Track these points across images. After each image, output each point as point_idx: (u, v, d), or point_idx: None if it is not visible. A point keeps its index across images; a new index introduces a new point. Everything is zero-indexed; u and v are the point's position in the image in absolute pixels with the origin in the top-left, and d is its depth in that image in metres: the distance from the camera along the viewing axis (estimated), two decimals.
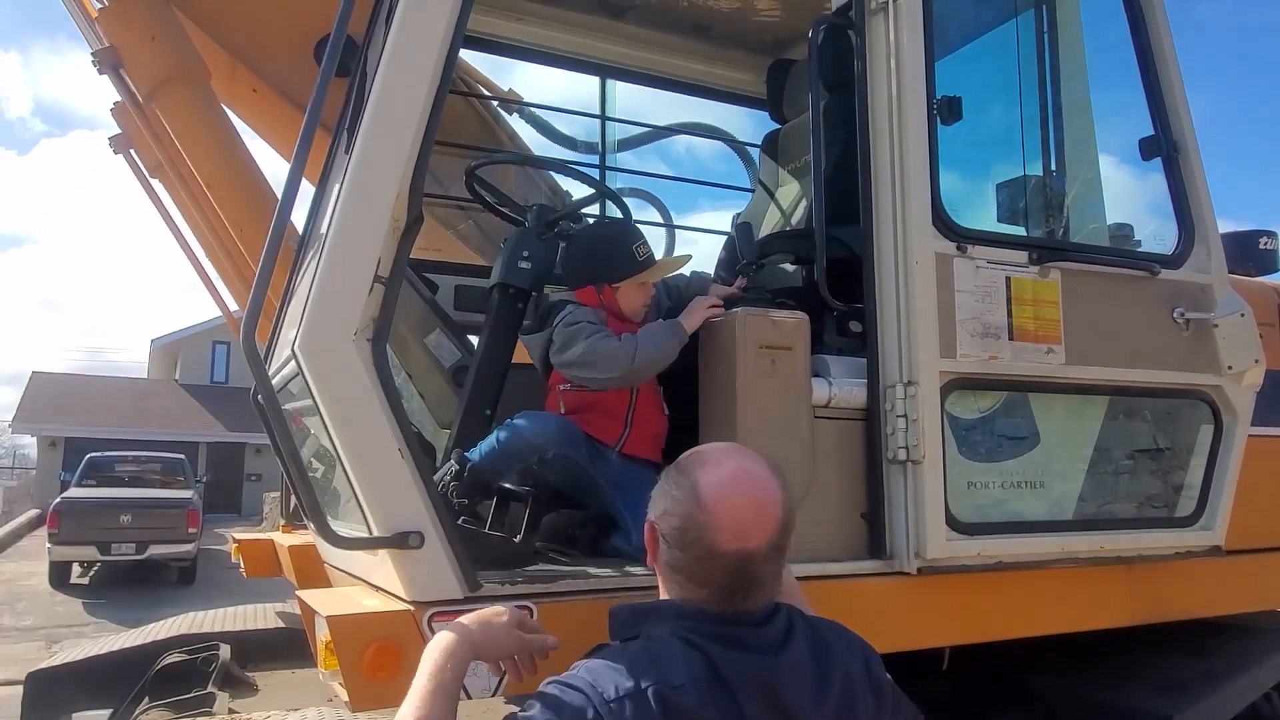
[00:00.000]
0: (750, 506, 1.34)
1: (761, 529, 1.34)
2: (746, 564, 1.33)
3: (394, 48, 1.95)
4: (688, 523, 1.35)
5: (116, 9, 2.86)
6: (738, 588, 1.35)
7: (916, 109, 2.42)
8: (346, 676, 1.73)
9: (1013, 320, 2.45)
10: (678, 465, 1.44)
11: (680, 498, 1.37)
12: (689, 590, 1.37)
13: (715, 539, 1.32)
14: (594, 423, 2.38)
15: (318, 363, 1.76)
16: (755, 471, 1.39)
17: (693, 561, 1.35)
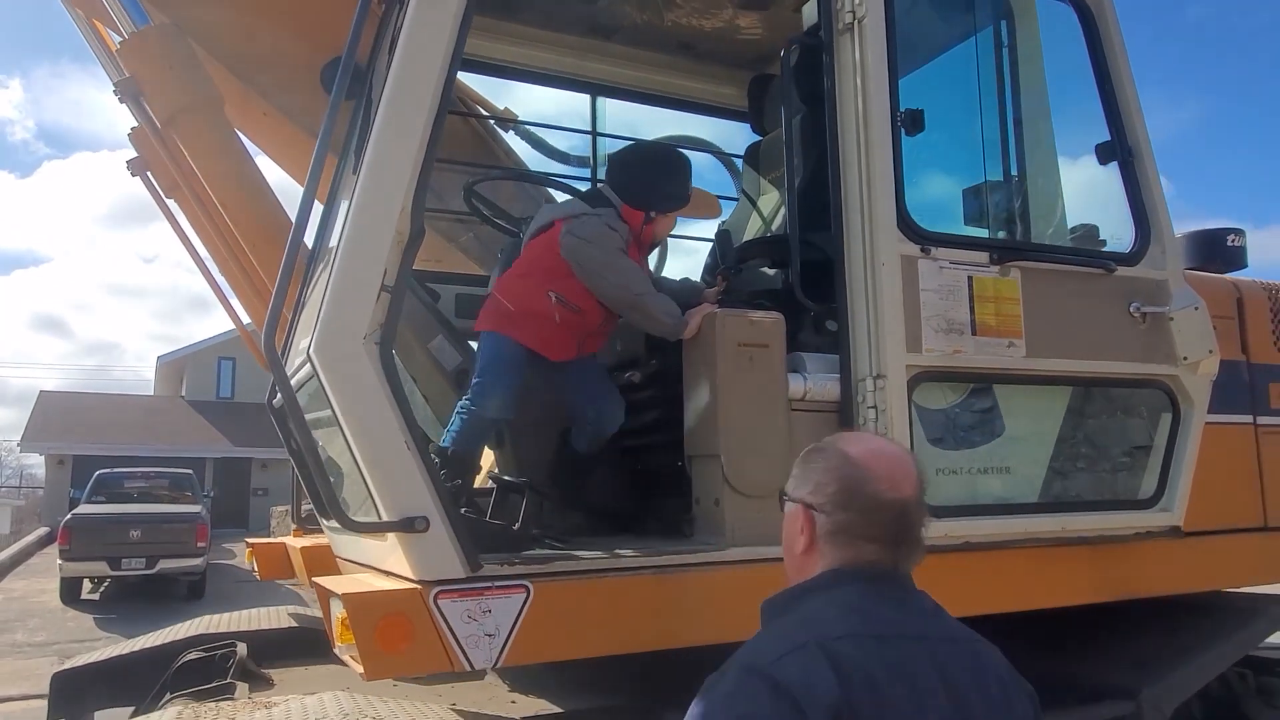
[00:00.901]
0: (896, 460, 1.43)
1: (909, 480, 1.41)
2: (905, 511, 1.40)
3: (397, 76, 2.14)
4: (848, 482, 1.40)
5: (136, 42, 3.05)
6: (901, 538, 1.41)
7: (881, 121, 2.61)
8: (361, 648, 1.90)
9: (975, 316, 2.63)
10: (814, 449, 1.50)
11: (832, 466, 1.43)
12: (855, 549, 1.41)
13: (877, 488, 1.39)
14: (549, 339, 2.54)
15: (332, 364, 1.95)
16: (884, 440, 1.53)
17: (858, 515, 1.40)
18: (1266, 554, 3.30)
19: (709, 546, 2.36)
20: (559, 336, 2.59)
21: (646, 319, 2.55)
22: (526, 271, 2.61)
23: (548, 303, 2.54)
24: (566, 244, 2.52)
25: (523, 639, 2.03)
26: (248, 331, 3.84)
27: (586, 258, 2.50)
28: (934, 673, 1.31)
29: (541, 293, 2.55)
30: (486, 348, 2.55)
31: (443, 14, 2.18)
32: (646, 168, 2.77)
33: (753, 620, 2.28)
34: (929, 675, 1.30)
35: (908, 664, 1.29)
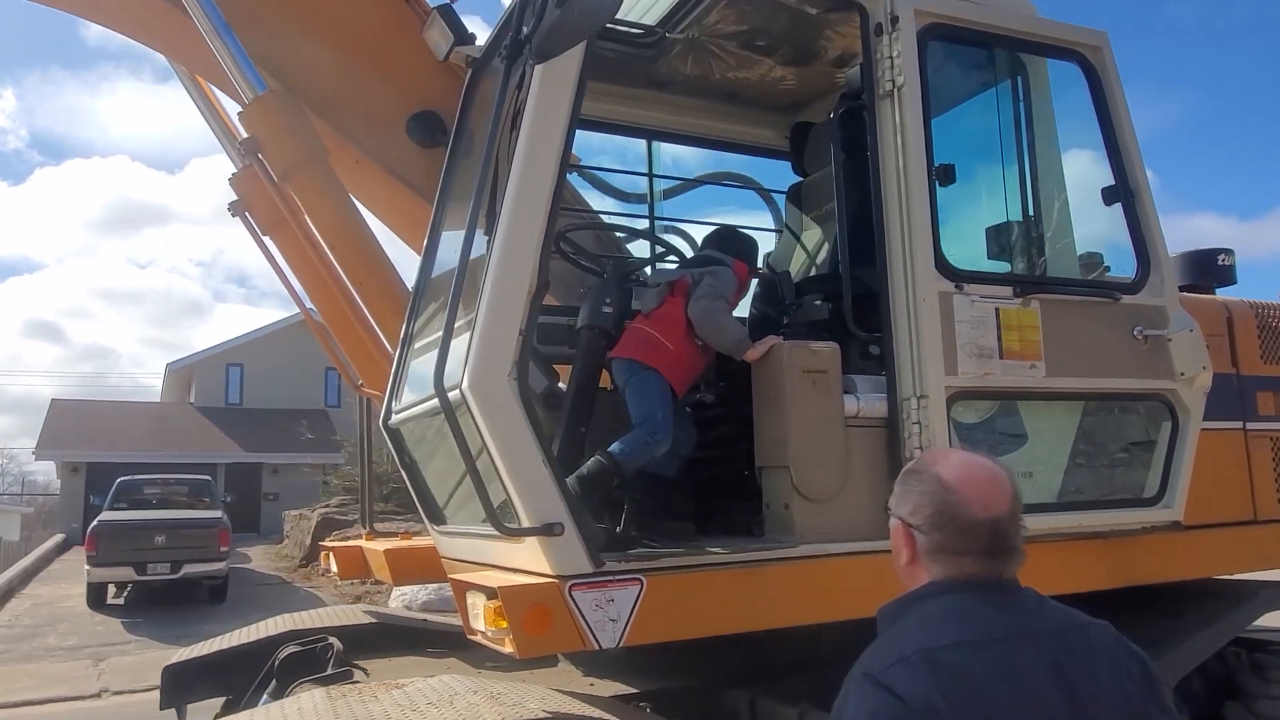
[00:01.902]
0: (987, 480, 1.52)
1: (1001, 498, 1.51)
2: (998, 527, 1.49)
3: (526, 147, 2.53)
4: (942, 506, 1.50)
5: (257, 107, 3.45)
6: (997, 550, 1.49)
7: (919, 176, 3.03)
8: (513, 631, 2.31)
9: (1002, 343, 3.04)
10: (910, 470, 1.61)
11: (927, 490, 1.53)
12: (954, 565, 1.50)
13: (969, 510, 1.48)
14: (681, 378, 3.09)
15: (484, 400, 2.36)
16: (978, 458, 1.59)
17: (953, 536, 1.49)
18: (1257, 544, 3.72)
19: (783, 544, 2.78)
20: (687, 376, 3.10)
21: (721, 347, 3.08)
22: (676, 319, 3.08)
23: (694, 346, 3.07)
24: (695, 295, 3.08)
25: (640, 623, 2.45)
26: (337, 356, 4.24)
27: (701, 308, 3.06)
28: (1040, 669, 1.40)
29: (690, 337, 3.07)
30: (649, 383, 2.99)
31: (564, 87, 2.57)
32: (744, 239, 3.53)
33: (820, 604, 2.72)
34: (1034, 672, 1.39)
35: (1011, 664, 1.39)
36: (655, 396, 2.99)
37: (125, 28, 3.82)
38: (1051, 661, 1.42)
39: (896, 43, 3.05)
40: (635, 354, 3.05)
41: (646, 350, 3.03)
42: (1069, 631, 1.51)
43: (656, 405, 2.97)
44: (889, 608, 1.58)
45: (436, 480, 3.30)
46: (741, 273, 3.25)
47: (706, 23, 3.68)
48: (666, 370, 3.01)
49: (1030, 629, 1.46)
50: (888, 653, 1.43)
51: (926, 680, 1.35)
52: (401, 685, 2.97)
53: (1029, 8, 3.46)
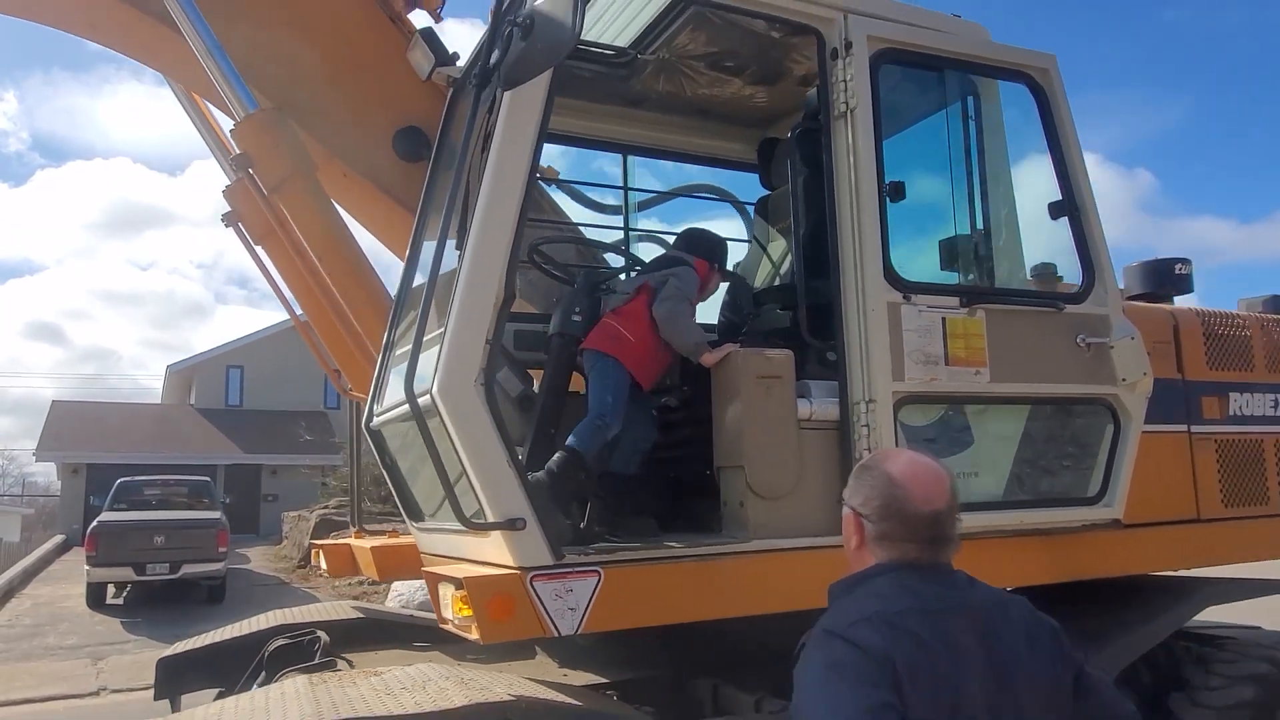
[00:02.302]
0: (930, 478, 1.72)
1: (941, 494, 1.71)
2: (937, 520, 1.70)
3: (494, 168, 2.72)
4: (889, 499, 1.71)
5: (248, 124, 3.65)
6: (935, 539, 1.71)
7: (870, 193, 3.21)
8: (477, 618, 2.49)
9: (948, 350, 3.23)
10: (863, 465, 1.84)
11: (877, 484, 1.74)
12: (898, 549, 1.71)
13: (913, 504, 1.69)
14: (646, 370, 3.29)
15: (453, 405, 2.54)
16: (924, 458, 1.79)
17: (898, 526, 1.70)
18: (1199, 542, 3.90)
19: (736, 540, 2.96)
20: (652, 369, 3.29)
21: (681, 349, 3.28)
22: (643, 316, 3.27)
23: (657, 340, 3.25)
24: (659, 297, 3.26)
25: (597, 612, 2.63)
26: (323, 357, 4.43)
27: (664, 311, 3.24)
28: (970, 634, 1.63)
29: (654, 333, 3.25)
30: (607, 371, 3.19)
31: (531, 113, 2.76)
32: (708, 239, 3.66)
33: (771, 596, 2.90)
34: (967, 636, 1.63)
35: (949, 630, 1.62)
36: (610, 384, 3.18)
37: (122, 47, 4.01)
38: (981, 630, 1.66)
39: (850, 67, 3.24)
40: (600, 345, 3.25)
41: (611, 343, 3.24)
42: (994, 606, 1.73)
43: (609, 392, 3.17)
44: (839, 584, 1.79)
45: (415, 479, 3.48)
46: (702, 270, 3.42)
47: (676, 45, 3.87)
48: (629, 361, 3.20)
49: (964, 602, 1.69)
50: (847, 614, 1.64)
51: (886, 637, 1.57)
52: (379, 673, 3.15)
53: (981, 31, 3.64)
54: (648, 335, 3.24)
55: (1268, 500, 4.12)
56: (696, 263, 3.45)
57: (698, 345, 3.18)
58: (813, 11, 3.29)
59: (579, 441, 3.02)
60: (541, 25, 2.49)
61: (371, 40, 4.05)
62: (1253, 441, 4.12)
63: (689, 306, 3.28)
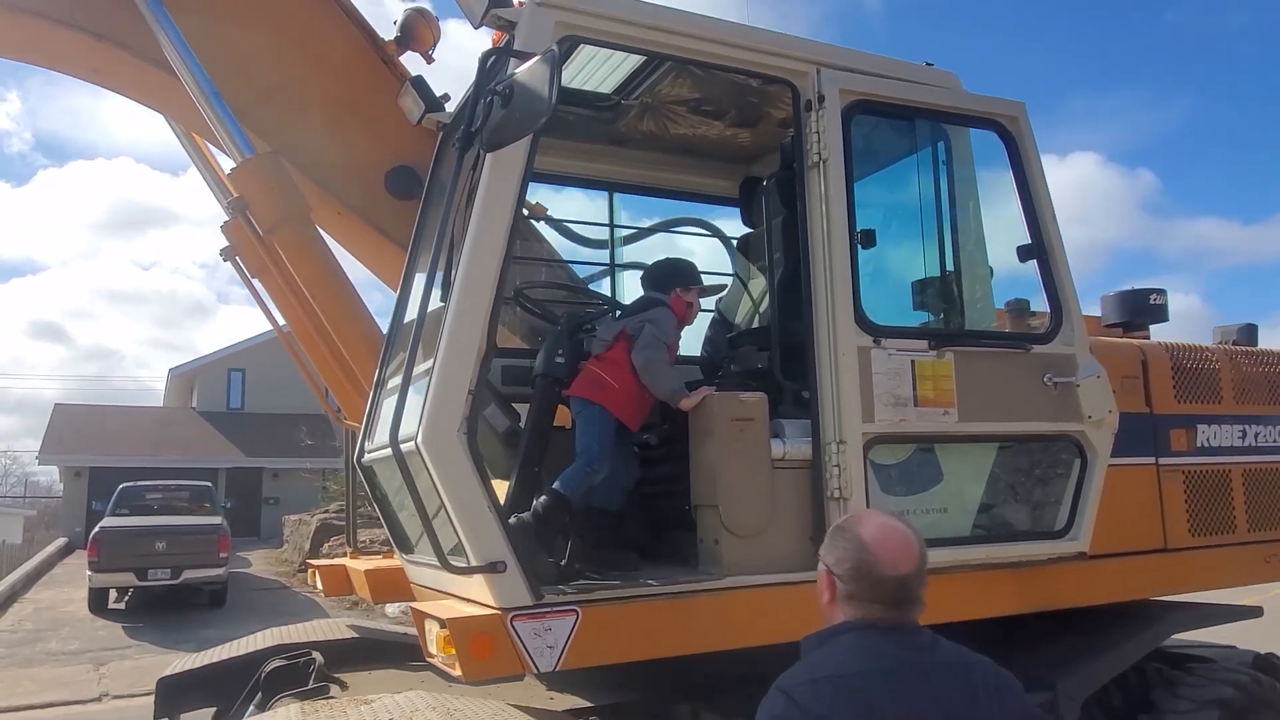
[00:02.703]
0: (899, 544, 1.81)
1: (909, 559, 1.80)
2: (903, 584, 1.79)
3: (476, 229, 2.85)
4: (859, 563, 1.80)
5: (245, 168, 3.78)
6: (901, 601, 1.80)
7: (841, 240, 3.33)
8: (460, 657, 2.62)
9: (917, 391, 3.35)
10: (839, 527, 1.92)
11: (848, 548, 1.83)
12: (864, 609, 1.81)
13: (881, 570, 1.78)
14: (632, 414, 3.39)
15: (436, 453, 2.68)
16: (895, 523, 1.88)
17: (867, 589, 1.79)
18: (1166, 571, 4.02)
19: (710, 576, 3.09)
20: (638, 412, 3.40)
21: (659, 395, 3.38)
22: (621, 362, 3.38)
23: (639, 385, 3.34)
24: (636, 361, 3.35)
25: (575, 649, 2.76)
26: (320, 390, 4.56)
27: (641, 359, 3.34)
28: (928, 694, 1.71)
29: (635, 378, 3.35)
30: (593, 418, 3.31)
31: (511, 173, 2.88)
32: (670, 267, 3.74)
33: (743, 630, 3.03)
34: (924, 697, 1.71)
35: (905, 691, 1.71)
36: (596, 431, 3.31)
37: (124, 91, 4.14)
38: (938, 691, 1.75)
39: (823, 119, 3.37)
40: (585, 392, 3.38)
41: (595, 389, 3.36)
42: (956, 666, 1.83)
43: (595, 438, 3.29)
44: (811, 638, 1.89)
45: (404, 515, 3.61)
46: (679, 305, 3.51)
47: (658, 91, 4.00)
48: (614, 407, 3.33)
49: (923, 662, 1.78)
50: (802, 674, 1.76)
51: (827, 698, 1.68)
52: (370, 701, 3.29)
53: (953, 80, 3.76)
54: (631, 380, 3.36)
55: (1234, 529, 4.24)
56: (672, 300, 3.55)
57: (674, 392, 3.30)
58: (786, 66, 3.41)
59: (565, 486, 3.15)
60: (520, 94, 2.62)
61: (365, 83, 4.19)
62: (1220, 472, 4.25)
63: (665, 352, 3.37)
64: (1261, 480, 4.40)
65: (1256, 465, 4.39)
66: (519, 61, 2.75)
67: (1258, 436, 4.45)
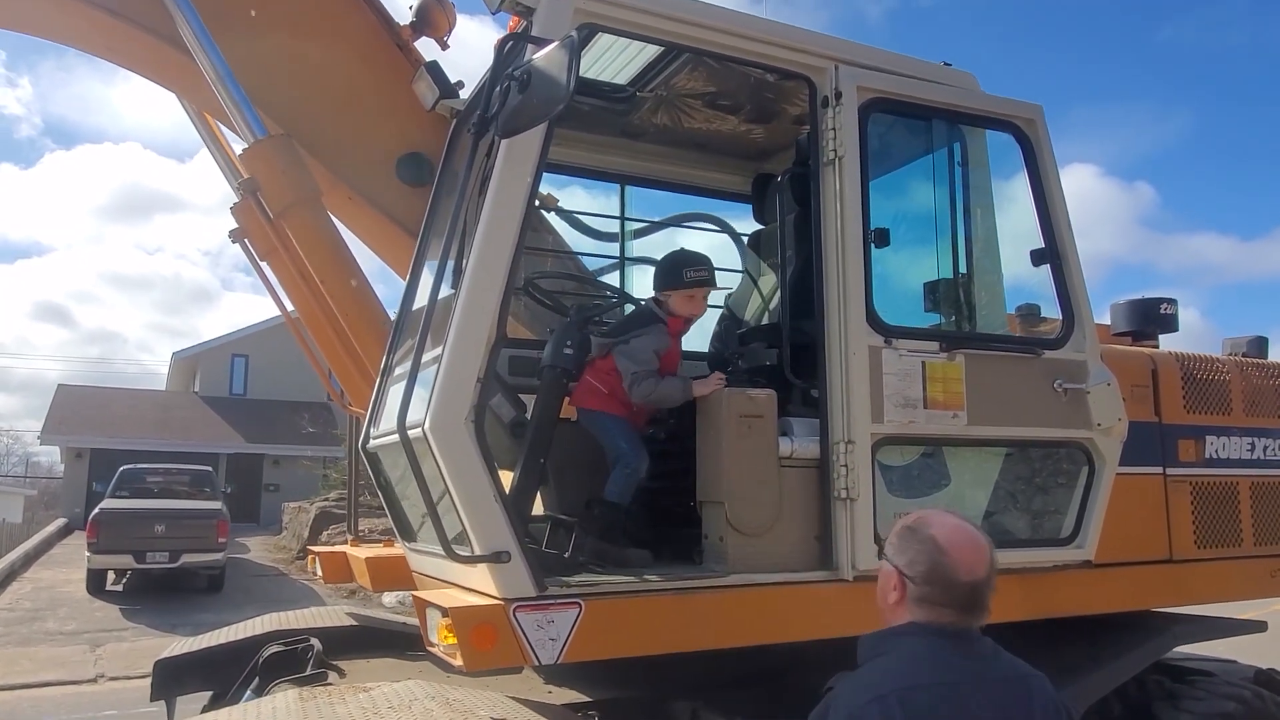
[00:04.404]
0: (974, 548, 1.82)
1: (982, 564, 1.81)
2: (976, 589, 1.80)
3: (487, 224, 2.82)
4: (935, 565, 1.80)
5: (256, 149, 3.76)
6: (972, 606, 1.80)
7: (855, 239, 3.31)
8: (461, 646, 2.60)
9: (926, 393, 3.32)
10: (909, 527, 1.89)
11: (923, 550, 1.82)
12: (935, 612, 1.80)
13: (956, 573, 1.78)
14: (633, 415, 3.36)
15: (443, 441, 2.65)
16: (968, 526, 1.88)
17: (940, 591, 1.79)
18: (1171, 582, 3.99)
19: (714, 573, 3.06)
20: (643, 412, 3.39)
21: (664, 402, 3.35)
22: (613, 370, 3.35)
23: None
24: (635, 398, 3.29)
25: (577, 642, 2.73)
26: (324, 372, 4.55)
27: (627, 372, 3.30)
28: (988, 709, 1.71)
29: None
30: (604, 423, 3.33)
31: (527, 160, 2.85)
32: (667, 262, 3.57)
33: (746, 629, 3.01)
34: (983, 711, 1.71)
35: (967, 704, 1.70)
36: (616, 434, 3.31)
37: (138, 68, 4.12)
38: (999, 704, 1.75)
39: (839, 116, 3.34)
40: (586, 403, 3.38)
41: (595, 398, 3.36)
42: (1015, 680, 1.83)
43: (620, 440, 3.29)
44: (871, 639, 1.89)
45: (408, 502, 3.59)
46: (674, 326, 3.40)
47: (674, 84, 3.97)
48: (614, 410, 3.33)
49: (987, 675, 1.79)
50: (868, 687, 1.74)
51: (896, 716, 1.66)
52: (368, 689, 3.27)
53: (970, 80, 3.73)
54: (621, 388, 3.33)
55: (1241, 542, 4.21)
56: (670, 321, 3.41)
57: (685, 393, 3.27)
58: (805, 61, 3.38)
59: (614, 495, 3.20)
60: (538, 79, 2.59)
61: (378, 68, 4.16)
62: (1228, 484, 4.22)
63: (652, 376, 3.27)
64: (1269, 493, 4.36)
65: (1265, 478, 4.35)
66: (536, 48, 2.72)
67: (1266, 449, 4.41)
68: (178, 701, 4.62)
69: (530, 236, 4.21)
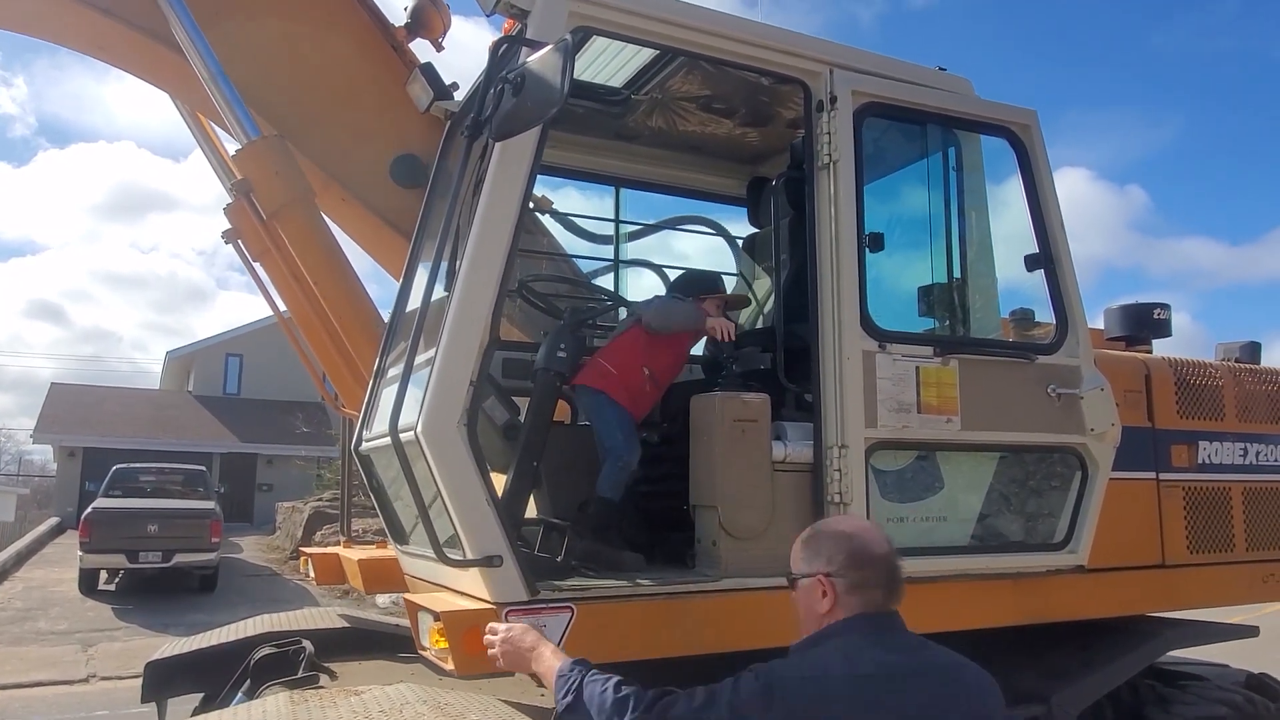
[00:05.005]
0: (873, 527, 2.02)
1: (885, 539, 1.97)
2: (890, 560, 1.94)
3: (483, 215, 2.81)
4: (853, 549, 1.92)
5: (250, 150, 3.75)
6: (894, 582, 1.92)
7: (849, 243, 3.30)
8: (452, 650, 2.59)
9: (920, 398, 3.32)
10: (810, 537, 2.03)
11: (834, 542, 1.95)
12: (865, 595, 1.89)
13: (874, 548, 1.92)
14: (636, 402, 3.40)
15: (435, 445, 2.64)
16: (857, 517, 2.19)
17: (868, 571, 1.90)
18: (1164, 587, 4.00)
19: (707, 578, 3.06)
20: (640, 403, 3.41)
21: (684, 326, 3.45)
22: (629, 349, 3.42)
23: (641, 375, 3.38)
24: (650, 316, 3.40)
25: (569, 647, 2.70)
26: (318, 376, 4.53)
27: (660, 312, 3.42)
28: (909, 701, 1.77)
29: (638, 367, 3.39)
30: (602, 410, 3.34)
31: (520, 163, 2.85)
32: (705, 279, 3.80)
33: (739, 634, 3.00)
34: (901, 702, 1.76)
35: (883, 695, 1.77)
36: (613, 422, 3.32)
37: (131, 68, 4.10)
38: (919, 696, 1.78)
39: (834, 120, 3.33)
40: (586, 380, 3.40)
41: (599, 379, 3.38)
42: (938, 671, 1.85)
43: (615, 430, 3.30)
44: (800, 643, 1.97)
45: (400, 505, 3.58)
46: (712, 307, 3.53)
47: (669, 87, 3.97)
48: (614, 392, 3.34)
49: (909, 667, 1.83)
50: (789, 669, 1.84)
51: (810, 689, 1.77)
52: (359, 692, 3.26)
53: (965, 85, 3.73)
54: (635, 369, 3.36)
55: (1233, 547, 4.22)
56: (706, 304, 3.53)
57: (698, 320, 3.37)
58: (800, 65, 3.38)
59: (605, 490, 3.21)
60: (532, 82, 2.58)
61: (373, 68, 4.15)
62: (1220, 489, 4.22)
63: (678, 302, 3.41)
64: (1261, 499, 4.37)
65: (1257, 484, 4.36)
66: (531, 50, 2.71)
67: (1259, 455, 4.42)
68: (169, 703, 4.60)
69: (525, 239, 4.21)
